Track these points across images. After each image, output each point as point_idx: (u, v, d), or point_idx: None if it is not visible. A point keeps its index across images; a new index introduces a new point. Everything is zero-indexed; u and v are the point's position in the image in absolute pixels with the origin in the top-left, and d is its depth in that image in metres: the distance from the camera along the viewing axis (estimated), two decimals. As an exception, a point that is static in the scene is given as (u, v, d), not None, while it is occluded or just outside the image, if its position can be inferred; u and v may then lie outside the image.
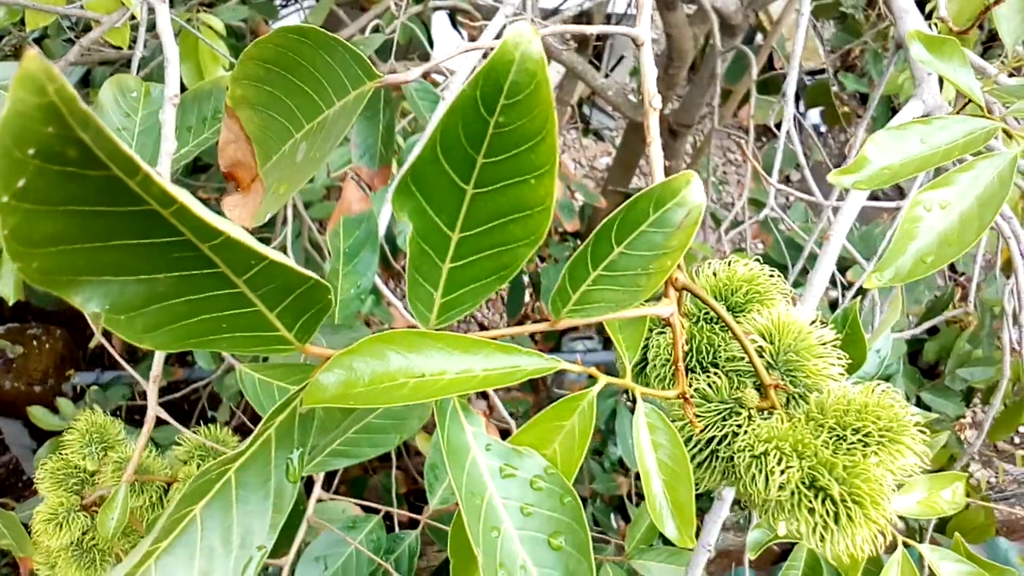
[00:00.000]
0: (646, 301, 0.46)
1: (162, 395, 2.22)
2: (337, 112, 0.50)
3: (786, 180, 4.01)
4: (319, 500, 1.13)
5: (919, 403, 2.24)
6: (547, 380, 2.67)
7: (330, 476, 1.98)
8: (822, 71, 3.43)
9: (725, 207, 4.01)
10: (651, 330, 0.53)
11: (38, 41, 2.20)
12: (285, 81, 0.52)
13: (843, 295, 1.75)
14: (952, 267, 3.11)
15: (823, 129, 4.24)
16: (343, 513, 1.30)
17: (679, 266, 0.48)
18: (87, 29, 2.08)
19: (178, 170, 0.91)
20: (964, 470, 2.25)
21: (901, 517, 0.73)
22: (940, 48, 0.67)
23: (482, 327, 3.51)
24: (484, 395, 2.71)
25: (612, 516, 2.21)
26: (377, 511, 1.22)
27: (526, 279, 2.79)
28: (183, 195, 0.29)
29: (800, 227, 1.93)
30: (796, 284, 1.71)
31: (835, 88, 2.85)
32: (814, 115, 3.99)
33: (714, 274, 0.54)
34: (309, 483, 1.14)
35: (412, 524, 1.26)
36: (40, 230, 0.29)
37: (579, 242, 2.92)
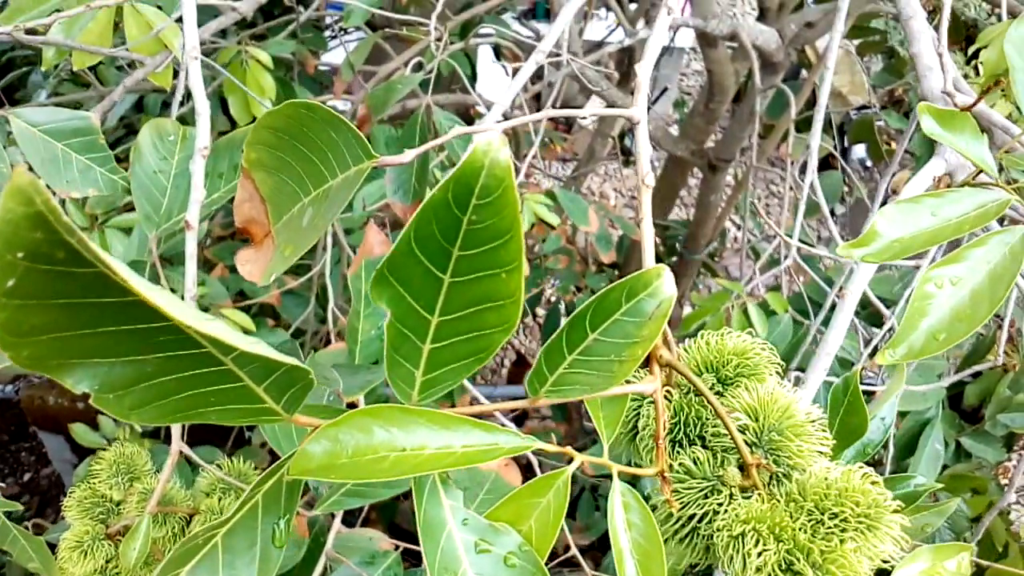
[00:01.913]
0: (635, 372, 0.47)
1: (200, 415, 2.26)
2: (340, 183, 0.52)
3: (831, 213, 3.97)
4: (338, 533, 1.15)
5: (959, 448, 2.20)
6: (580, 408, 2.66)
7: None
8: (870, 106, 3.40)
9: (767, 239, 3.98)
10: (643, 398, 0.54)
11: (92, 69, 2.27)
12: (295, 149, 0.54)
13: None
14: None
15: (868, 164, 4.19)
16: (370, 541, 1.31)
17: (666, 341, 0.49)
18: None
19: (210, 214, 0.93)
20: (1003, 517, 2.19)
21: None
22: (951, 122, 0.67)
23: (519, 354, 3.53)
24: (519, 422, 2.72)
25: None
26: (398, 547, 1.22)
27: (563, 308, 2.80)
28: (160, 297, 0.31)
29: (833, 269, 1.92)
30: (827, 321, 1.69)
31: (880, 124, 2.81)
32: (859, 150, 3.95)
33: (706, 344, 0.55)
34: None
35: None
36: (29, 322, 0.31)
37: (616, 273, 2.93)
